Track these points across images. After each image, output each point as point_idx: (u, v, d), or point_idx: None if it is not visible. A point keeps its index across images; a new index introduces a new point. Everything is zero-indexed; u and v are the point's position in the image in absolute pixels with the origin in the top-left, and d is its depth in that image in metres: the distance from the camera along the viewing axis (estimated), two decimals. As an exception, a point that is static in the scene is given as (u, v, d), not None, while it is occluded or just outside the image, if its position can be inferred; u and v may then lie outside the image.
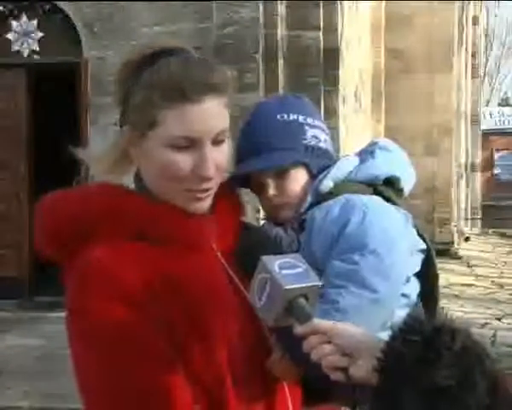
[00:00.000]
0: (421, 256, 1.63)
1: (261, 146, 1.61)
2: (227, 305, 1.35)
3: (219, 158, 1.34)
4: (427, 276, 1.64)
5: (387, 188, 1.64)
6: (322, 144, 1.66)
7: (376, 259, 1.47)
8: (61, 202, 1.37)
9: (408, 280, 1.58)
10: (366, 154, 1.68)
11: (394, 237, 1.52)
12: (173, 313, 1.29)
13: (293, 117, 1.65)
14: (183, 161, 1.31)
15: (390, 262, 1.48)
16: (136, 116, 1.33)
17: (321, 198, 1.60)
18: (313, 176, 1.63)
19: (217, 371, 1.30)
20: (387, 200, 1.61)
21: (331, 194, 1.59)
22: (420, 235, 1.64)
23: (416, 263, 1.61)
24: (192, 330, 1.29)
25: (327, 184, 1.61)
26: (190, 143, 1.31)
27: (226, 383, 1.31)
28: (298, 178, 1.63)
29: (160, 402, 1.25)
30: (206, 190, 1.35)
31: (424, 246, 1.64)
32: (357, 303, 1.42)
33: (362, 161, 1.66)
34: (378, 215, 1.53)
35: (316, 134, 1.66)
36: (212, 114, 1.31)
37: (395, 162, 1.68)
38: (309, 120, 1.66)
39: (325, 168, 1.63)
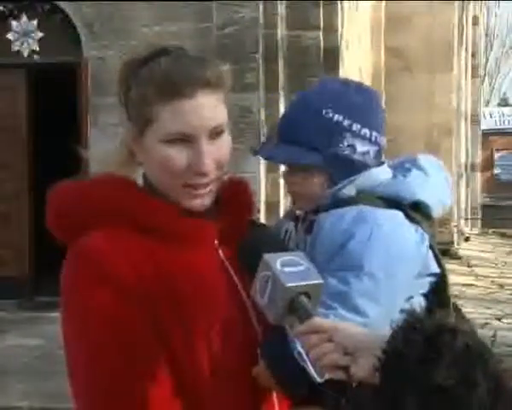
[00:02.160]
0: (430, 279, 1.57)
1: (290, 134, 1.58)
2: (220, 303, 1.35)
3: (217, 153, 1.34)
4: (438, 299, 1.57)
5: (412, 210, 1.56)
6: (356, 156, 1.56)
7: (371, 282, 1.44)
8: (67, 191, 1.39)
9: (411, 298, 1.53)
10: (401, 170, 1.61)
11: (398, 260, 1.47)
12: (161, 306, 1.30)
13: (338, 118, 1.55)
14: (180, 156, 1.32)
15: (386, 287, 1.45)
16: (135, 114, 1.36)
17: (339, 203, 1.55)
18: (334, 182, 1.57)
19: (202, 367, 1.31)
20: (409, 218, 1.54)
21: (350, 201, 1.55)
22: (436, 258, 1.58)
23: (422, 285, 1.56)
24: (176, 326, 1.30)
25: (349, 190, 1.56)
26: (186, 138, 1.32)
27: (210, 379, 1.31)
28: (317, 180, 1.57)
29: (138, 393, 1.26)
30: (205, 185, 1.35)
31: (437, 270, 1.57)
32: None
33: (393, 177, 1.59)
34: (386, 236, 1.47)
35: (354, 144, 1.56)
36: (206, 108, 1.32)
37: (429, 187, 1.59)
38: (354, 127, 1.56)
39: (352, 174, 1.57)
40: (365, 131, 1.57)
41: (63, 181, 1.41)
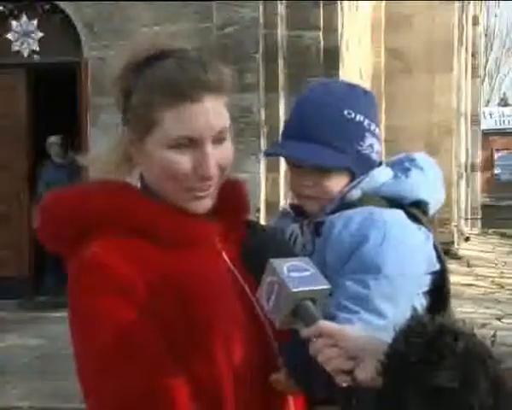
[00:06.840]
0: (433, 276, 1.58)
1: (315, 134, 1.55)
2: (228, 305, 1.35)
3: (221, 157, 1.34)
4: (439, 295, 1.60)
5: (413, 208, 1.58)
6: (373, 155, 1.60)
7: (389, 284, 1.45)
8: (62, 199, 1.37)
9: (418, 296, 1.55)
10: (400, 169, 1.62)
11: (410, 261, 1.49)
12: (171, 311, 1.29)
13: (359, 118, 1.57)
14: (184, 160, 1.32)
15: (402, 288, 1.46)
16: (136, 118, 1.34)
17: (345, 205, 1.55)
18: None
19: (215, 370, 1.30)
20: (411, 216, 1.56)
21: (356, 203, 1.55)
22: (438, 255, 1.59)
23: (426, 282, 1.57)
24: (190, 330, 1.29)
25: (356, 193, 1.56)
26: (190, 143, 1.31)
27: (225, 382, 1.30)
28: (338, 181, 1.57)
29: (157, 400, 1.25)
30: (208, 188, 1.35)
31: (438, 267, 1.59)
32: (366, 329, 1.38)
33: (394, 177, 1.60)
34: (398, 237, 1.48)
35: (372, 143, 1.59)
36: (211, 112, 1.31)
37: (427, 186, 1.62)
38: (372, 127, 1.59)
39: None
40: (377, 129, 1.61)
41: (51, 191, 1.38)
